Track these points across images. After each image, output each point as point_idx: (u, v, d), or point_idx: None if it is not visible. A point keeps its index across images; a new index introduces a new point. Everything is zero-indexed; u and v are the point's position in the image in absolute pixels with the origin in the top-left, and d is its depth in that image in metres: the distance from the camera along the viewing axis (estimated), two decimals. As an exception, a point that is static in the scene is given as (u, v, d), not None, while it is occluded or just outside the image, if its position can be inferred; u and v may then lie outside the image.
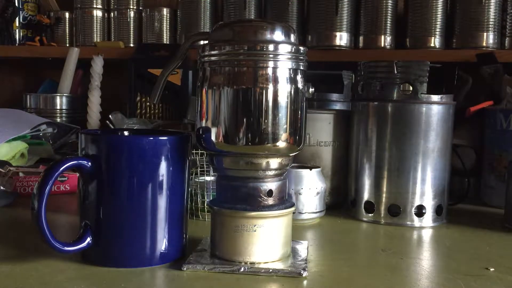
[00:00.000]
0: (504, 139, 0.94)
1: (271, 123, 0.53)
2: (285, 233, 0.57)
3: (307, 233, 0.74)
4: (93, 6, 1.49)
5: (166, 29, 1.45)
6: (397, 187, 0.79)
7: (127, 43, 1.48)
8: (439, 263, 0.62)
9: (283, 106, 0.53)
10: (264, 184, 0.55)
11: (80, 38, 1.50)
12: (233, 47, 0.53)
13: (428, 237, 0.74)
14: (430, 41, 1.25)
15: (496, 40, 1.23)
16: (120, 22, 1.50)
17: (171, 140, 0.55)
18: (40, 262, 0.56)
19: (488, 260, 0.61)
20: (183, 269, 0.54)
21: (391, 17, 1.28)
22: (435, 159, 0.79)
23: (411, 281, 0.54)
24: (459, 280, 0.54)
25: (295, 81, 0.54)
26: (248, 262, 0.55)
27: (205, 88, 0.55)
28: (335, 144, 0.88)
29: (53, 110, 1.43)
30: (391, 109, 0.79)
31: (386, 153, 0.79)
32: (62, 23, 1.53)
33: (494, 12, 1.22)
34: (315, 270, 0.56)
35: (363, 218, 0.82)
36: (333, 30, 1.27)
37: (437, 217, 0.80)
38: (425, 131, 0.78)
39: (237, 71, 0.53)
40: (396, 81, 0.79)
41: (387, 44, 1.28)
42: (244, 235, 0.55)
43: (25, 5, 1.53)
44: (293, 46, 0.54)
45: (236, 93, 0.53)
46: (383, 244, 0.70)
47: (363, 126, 0.82)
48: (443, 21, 1.25)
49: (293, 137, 0.55)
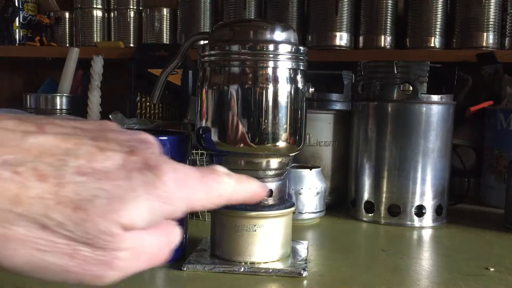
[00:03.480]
0: (504, 139, 0.94)
1: (271, 123, 0.53)
2: (285, 233, 0.57)
3: (307, 233, 0.74)
4: (93, 6, 1.49)
5: (166, 29, 1.45)
6: (397, 187, 0.79)
7: (127, 43, 1.48)
8: (439, 263, 0.62)
9: (283, 106, 0.53)
10: (264, 184, 0.55)
11: (80, 38, 1.50)
12: (233, 47, 0.53)
13: (428, 237, 0.74)
14: (430, 41, 1.25)
15: (496, 40, 1.23)
16: (120, 22, 1.50)
17: (171, 140, 0.55)
18: (40, 262, 0.55)
19: (488, 260, 0.61)
20: (183, 269, 0.54)
21: (391, 17, 1.28)
22: (435, 159, 0.79)
23: (411, 281, 0.54)
24: (459, 280, 0.54)
25: (295, 81, 0.54)
26: (248, 262, 0.55)
27: (205, 88, 0.55)
28: (335, 144, 0.88)
29: (53, 110, 1.43)
30: (391, 109, 0.79)
31: (386, 153, 0.79)
32: (62, 23, 1.53)
33: (494, 12, 1.22)
34: (315, 270, 0.56)
35: (363, 218, 0.82)
36: (333, 30, 1.27)
37: (437, 217, 0.80)
38: (425, 131, 0.78)
39: (237, 71, 0.53)
40: (396, 81, 0.79)
41: (387, 44, 1.28)
42: (244, 235, 0.55)
43: (25, 5, 1.53)
44: (293, 46, 0.54)
45: (236, 93, 0.53)
46: (383, 244, 0.70)
47: (363, 126, 0.82)
48: (443, 21, 1.25)
49: (293, 137, 0.55)
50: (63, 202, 0.23)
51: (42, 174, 0.23)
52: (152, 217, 0.25)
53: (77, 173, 0.23)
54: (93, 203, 0.23)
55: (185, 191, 0.26)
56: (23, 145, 0.23)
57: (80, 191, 0.23)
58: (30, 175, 0.23)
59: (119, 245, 0.24)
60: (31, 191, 0.22)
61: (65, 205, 0.23)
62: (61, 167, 0.23)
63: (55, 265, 0.23)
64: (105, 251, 0.24)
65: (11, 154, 0.23)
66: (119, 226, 0.23)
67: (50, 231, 0.23)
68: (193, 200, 0.26)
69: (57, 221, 0.23)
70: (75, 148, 0.24)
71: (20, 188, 0.22)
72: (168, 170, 0.25)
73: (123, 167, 0.24)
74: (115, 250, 0.24)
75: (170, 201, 0.25)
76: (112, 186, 0.23)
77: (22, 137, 0.24)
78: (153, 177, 0.25)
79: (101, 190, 0.23)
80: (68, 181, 0.23)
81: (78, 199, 0.23)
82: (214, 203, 0.28)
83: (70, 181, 0.23)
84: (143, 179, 0.24)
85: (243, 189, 0.29)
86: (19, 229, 0.22)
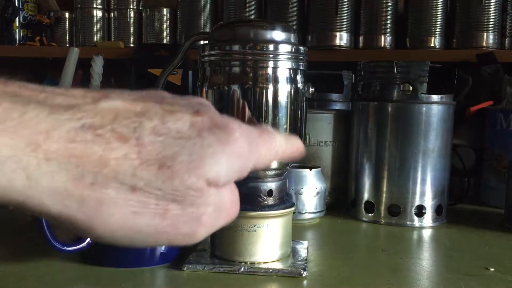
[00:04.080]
0: (504, 139, 0.94)
1: (271, 123, 0.53)
2: (285, 233, 0.57)
3: (307, 233, 0.73)
4: (93, 6, 1.49)
5: (166, 29, 1.45)
6: (397, 187, 0.79)
7: (127, 43, 1.48)
8: (439, 263, 0.62)
9: (283, 106, 0.53)
10: (264, 184, 0.55)
11: (80, 38, 1.50)
12: (233, 47, 0.53)
13: (428, 237, 0.74)
14: (430, 41, 1.25)
15: (496, 40, 1.23)
16: (120, 22, 1.50)
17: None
18: (40, 262, 0.55)
19: (488, 260, 0.61)
20: (183, 269, 0.54)
21: (391, 17, 1.28)
22: (435, 159, 0.79)
23: (411, 281, 0.54)
24: (459, 280, 0.54)
25: (295, 81, 0.54)
26: (248, 262, 0.55)
27: (205, 88, 0.55)
28: (335, 144, 0.88)
29: (53, 110, 1.43)
30: (391, 109, 0.79)
31: (386, 153, 0.79)
32: (62, 23, 1.53)
33: (494, 12, 1.22)
34: (315, 270, 0.56)
35: (363, 218, 0.82)
36: (333, 30, 1.27)
37: (437, 217, 0.80)
38: (425, 131, 0.78)
39: (237, 71, 0.53)
40: (396, 81, 0.79)
41: (387, 44, 1.28)
42: (244, 235, 0.55)
43: (25, 5, 1.53)
44: (293, 46, 0.54)
45: (236, 93, 0.53)
46: (383, 244, 0.70)
47: (363, 126, 0.82)
48: (443, 21, 1.25)
49: (293, 137, 0.55)
50: (148, 161, 0.23)
51: (122, 135, 0.23)
52: (231, 172, 0.25)
53: (154, 134, 0.23)
54: (176, 160, 0.23)
55: (254, 147, 0.27)
56: (97, 109, 0.23)
57: (160, 150, 0.23)
58: (110, 137, 0.22)
59: (206, 200, 0.24)
60: (115, 152, 0.22)
61: (150, 164, 0.23)
62: (137, 129, 0.23)
63: (148, 227, 0.23)
64: (194, 207, 0.24)
65: (89, 118, 0.23)
66: (204, 180, 0.24)
67: (139, 191, 0.23)
68: (259, 156, 0.27)
69: (145, 179, 0.23)
70: (145, 111, 0.24)
71: (104, 150, 0.22)
72: (236, 127, 0.26)
73: (193, 127, 0.25)
74: (203, 206, 0.24)
75: (244, 156, 0.26)
76: (189, 143, 0.24)
77: (93, 102, 0.23)
78: (224, 134, 0.25)
79: (181, 148, 0.24)
80: (148, 141, 0.23)
81: (162, 158, 0.23)
82: (271, 159, 0.29)
83: (149, 141, 0.23)
84: (215, 137, 0.25)
85: (290, 146, 0.30)
86: (110, 192, 0.22)
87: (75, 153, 0.22)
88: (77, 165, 0.22)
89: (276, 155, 0.29)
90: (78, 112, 0.23)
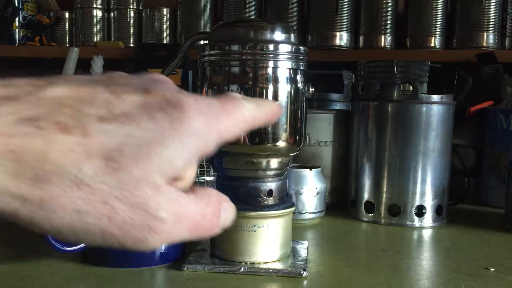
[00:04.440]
0: (504, 139, 0.94)
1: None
2: (285, 233, 0.57)
3: (307, 233, 0.73)
4: (93, 6, 1.49)
5: (166, 29, 1.45)
6: (397, 187, 0.79)
7: (127, 43, 1.48)
8: (439, 263, 0.62)
9: (283, 106, 0.53)
10: (264, 184, 0.55)
11: (80, 38, 1.50)
12: (233, 47, 0.53)
13: (428, 237, 0.74)
14: (430, 41, 1.25)
15: (496, 40, 1.23)
16: (120, 22, 1.50)
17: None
18: (40, 262, 0.55)
19: (488, 260, 0.61)
20: (183, 269, 0.54)
21: (391, 17, 1.28)
22: (435, 159, 0.79)
23: (411, 281, 0.54)
24: (459, 280, 0.54)
25: (295, 81, 0.54)
26: (248, 262, 0.55)
27: (205, 88, 0.55)
28: (335, 144, 0.88)
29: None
30: (391, 109, 0.79)
31: (386, 153, 0.79)
32: (62, 23, 1.53)
33: (494, 12, 1.22)
34: (315, 270, 0.56)
35: (363, 218, 0.82)
36: (333, 30, 1.27)
37: (437, 217, 0.80)
38: (425, 131, 0.78)
39: (237, 71, 0.53)
40: (396, 81, 0.79)
41: (387, 44, 1.28)
42: (244, 235, 0.55)
43: (25, 5, 1.53)
44: (293, 46, 0.54)
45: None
46: (383, 244, 0.70)
47: (363, 126, 0.82)
48: (443, 21, 1.25)
49: (293, 137, 0.55)
50: (93, 153, 0.21)
51: (65, 126, 0.21)
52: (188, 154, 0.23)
53: (100, 121, 0.21)
54: (124, 151, 0.21)
55: (215, 121, 0.24)
56: (39, 99, 0.21)
57: (106, 140, 0.21)
58: (53, 129, 0.21)
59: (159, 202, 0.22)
60: (58, 144, 0.21)
61: (95, 156, 0.21)
62: (81, 118, 0.21)
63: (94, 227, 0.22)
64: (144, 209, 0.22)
65: (30, 110, 0.21)
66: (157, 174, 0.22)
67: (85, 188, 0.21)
68: (222, 129, 0.25)
69: (90, 174, 0.21)
70: (91, 97, 0.22)
71: (46, 144, 0.21)
72: (190, 103, 0.23)
73: (143, 108, 0.22)
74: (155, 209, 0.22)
75: (201, 133, 0.23)
76: (138, 130, 0.22)
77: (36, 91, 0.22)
78: (177, 113, 0.23)
79: (128, 137, 0.22)
80: (94, 131, 0.21)
81: (109, 149, 0.21)
82: (241, 128, 0.26)
83: (95, 130, 0.21)
84: (168, 118, 0.22)
85: (263, 111, 0.28)
86: (53, 188, 0.21)
87: (14, 149, 0.20)
88: (17, 161, 0.20)
89: (245, 123, 0.26)
90: (18, 103, 0.21)
